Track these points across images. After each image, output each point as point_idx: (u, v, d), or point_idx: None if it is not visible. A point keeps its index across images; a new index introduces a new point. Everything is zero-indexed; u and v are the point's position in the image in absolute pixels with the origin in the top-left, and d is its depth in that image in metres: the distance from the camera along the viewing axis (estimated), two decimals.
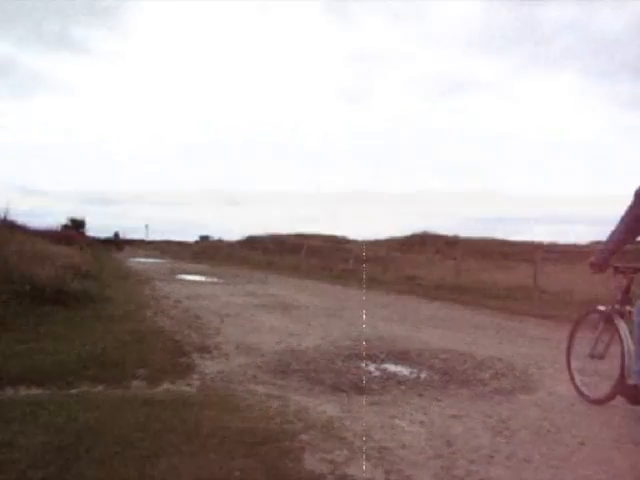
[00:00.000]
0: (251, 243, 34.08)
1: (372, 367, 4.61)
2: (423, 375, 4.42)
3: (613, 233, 3.51)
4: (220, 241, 44.07)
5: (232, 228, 64.23)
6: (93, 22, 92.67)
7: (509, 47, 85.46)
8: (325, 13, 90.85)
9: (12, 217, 14.72)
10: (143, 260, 27.11)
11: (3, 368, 3.84)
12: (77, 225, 43.48)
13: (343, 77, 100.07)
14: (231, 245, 37.08)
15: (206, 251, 35.26)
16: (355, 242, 30.74)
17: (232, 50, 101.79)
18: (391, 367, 4.65)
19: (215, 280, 14.96)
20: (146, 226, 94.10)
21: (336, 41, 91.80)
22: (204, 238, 54.08)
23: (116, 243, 47.86)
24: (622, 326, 3.52)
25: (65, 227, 34.81)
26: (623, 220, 3.44)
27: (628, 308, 3.56)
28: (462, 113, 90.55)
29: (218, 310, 7.91)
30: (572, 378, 3.97)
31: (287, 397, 3.59)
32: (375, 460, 2.60)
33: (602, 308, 3.84)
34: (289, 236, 34.21)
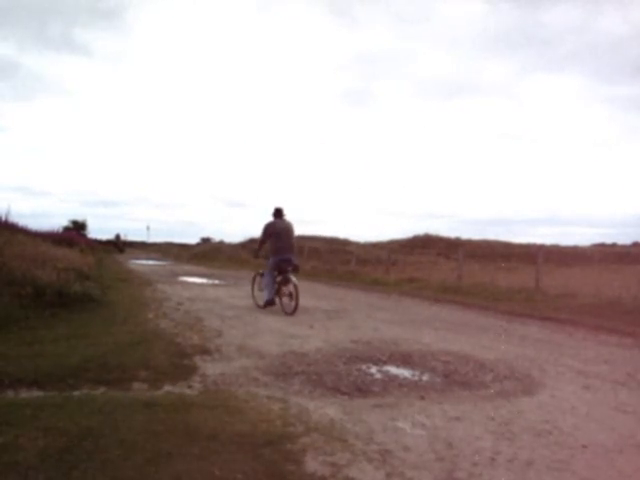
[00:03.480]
0: (252, 245, 33.99)
1: (374, 369, 4.60)
2: (425, 377, 4.41)
3: (260, 239, 8.85)
4: (221, 243, 44.05)
5: (233, 230, 64.26)
6: (95, 24, 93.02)
7: (513, 49, 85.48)
8: (329, 14, 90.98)
9: (13, 219, 14.78)
10: (144, 262, 27.14)
11: (4, 370, 3.84)
12: (78, 227, 43.64)
13: (347, 79, 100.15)
14: (232, 247, 37.04)
15: (207, 253, 35.23)
16: (357, 244, 30.76)
17: (234, 52, 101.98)
18: (393, 369, 4.63)
19: (216, 282, 14.96)
20: (147, 228, 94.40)
21: (340, 43, 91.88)
22: (205, 240, 54.10)
23: (117, 245, 47.88)
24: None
25: (66, 229, 34.87)
26: (262, 237, 8.68)
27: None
28: (466, 115, 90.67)
29: (219, 312, 7.91)
30: (254, 299, 9.02)
31: (288, 399, 3.59)
32: (377, 463, 2.59)
33: (261, 271, 8.82)
34: None
